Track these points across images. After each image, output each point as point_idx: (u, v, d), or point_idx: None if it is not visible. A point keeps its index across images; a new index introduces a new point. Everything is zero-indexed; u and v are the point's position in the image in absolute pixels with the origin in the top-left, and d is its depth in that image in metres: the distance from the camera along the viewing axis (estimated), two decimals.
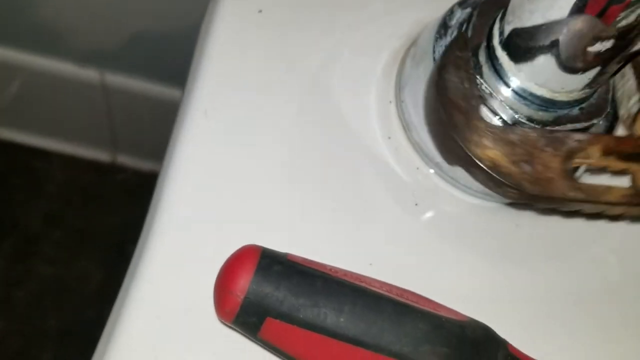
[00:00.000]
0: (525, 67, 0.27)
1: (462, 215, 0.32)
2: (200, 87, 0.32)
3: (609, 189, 0.27)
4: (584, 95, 0.28)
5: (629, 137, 0.28)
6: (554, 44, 0.25)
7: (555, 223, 0.32)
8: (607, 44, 0.25)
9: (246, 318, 0.24)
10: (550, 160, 0.26)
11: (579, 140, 0.27)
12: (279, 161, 0.31)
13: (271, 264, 0.24)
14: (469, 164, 0.26)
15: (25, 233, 0.96)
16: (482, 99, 0.28)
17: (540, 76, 0.27)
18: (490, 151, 0.26)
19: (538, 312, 0.30)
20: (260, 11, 0.33)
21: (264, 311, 0.23)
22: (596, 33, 0.24)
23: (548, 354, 0.27)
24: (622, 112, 0.29)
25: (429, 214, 0.31)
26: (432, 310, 0.25)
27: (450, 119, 0.26)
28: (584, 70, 0.26)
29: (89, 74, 0.83)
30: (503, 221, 0.32)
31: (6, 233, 0.96)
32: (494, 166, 0.26)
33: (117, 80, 0.84)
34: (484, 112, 0.28)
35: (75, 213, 0.97)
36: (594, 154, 0.27)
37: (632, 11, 0.23)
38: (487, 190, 0.31)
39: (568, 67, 0.26)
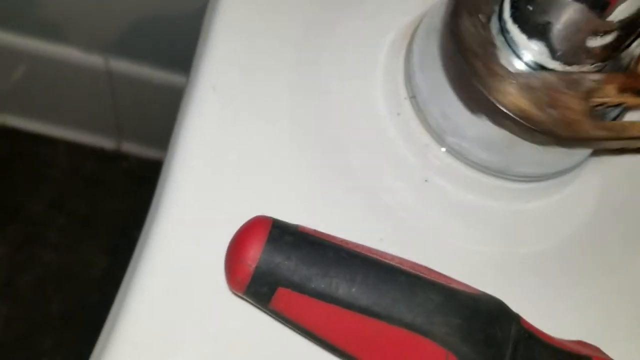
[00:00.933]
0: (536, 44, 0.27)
1: (471, 191, 0.31)
2: (207, 63, 0.31)
3: (632, 124, 0.28)
4: (595, 70, 0.27)
5: None
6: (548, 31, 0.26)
7: (564, 201, 0.32)
8: (609, 38, 0.25)
9: (257, 288, 0.23)
10: (572, 102, 0.27)
11: (595, 80, 0.28)
12: (287, 137, 0.31)
13: (282, 234, 0.24)
14: (497, 114, 0.27)
15: (30, 219, 0.96)
16: (498, 47, 0.28)
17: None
18: (516, 99, 0.26)
19: (550, 288, 0.30)
20: None
21: (275, 281, 0.23)
22: (593, 28, 0.24)
23: (561, 329, 0.27)
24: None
25: (438, 191, 0.31)
26: (444, 283, 0.25)
27: (471, 67, 0.27)
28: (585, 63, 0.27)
29: (94, 60, 0.83)
30: (512, 197, 0.31)
31: (11, 219, 0.96)
32: (523, 114, 0.26)
33: (122, 66, 0.84)
34: (503, 58, 0.28)
35: (80, 199, 0.98)
36: (611, 92, 0.28)
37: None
38: (496, 166, 0.31)
39: (565, 61, 0.27)
